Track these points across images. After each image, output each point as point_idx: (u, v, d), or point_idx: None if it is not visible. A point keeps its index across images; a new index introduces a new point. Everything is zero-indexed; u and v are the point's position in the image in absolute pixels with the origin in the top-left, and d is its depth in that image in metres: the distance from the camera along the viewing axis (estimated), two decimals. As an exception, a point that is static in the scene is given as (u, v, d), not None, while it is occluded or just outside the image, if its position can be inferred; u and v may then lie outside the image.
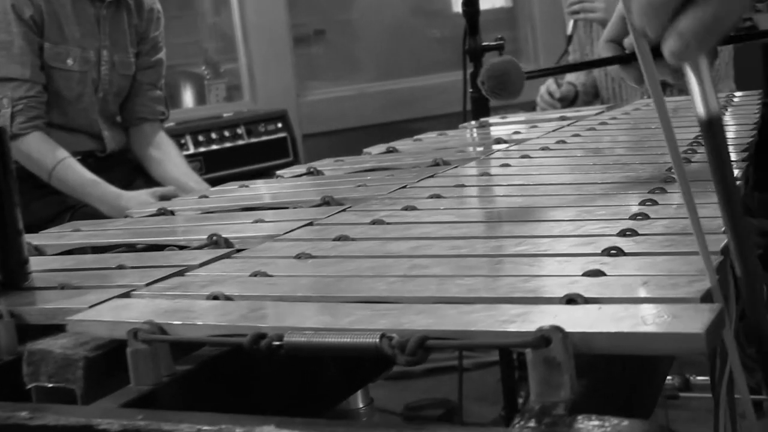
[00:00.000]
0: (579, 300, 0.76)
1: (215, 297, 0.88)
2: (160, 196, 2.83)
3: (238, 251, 1.11)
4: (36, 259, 1.20)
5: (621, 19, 1.32)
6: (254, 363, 0.85)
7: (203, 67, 5.23)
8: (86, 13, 3.12)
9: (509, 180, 1.50)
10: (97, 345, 0.82)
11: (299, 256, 1.03)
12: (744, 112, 2.06)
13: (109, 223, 1.48)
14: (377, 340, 0.70)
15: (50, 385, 0.80)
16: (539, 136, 1.96)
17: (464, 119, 2.76)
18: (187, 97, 5.22)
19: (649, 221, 1.03)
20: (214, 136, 4.20)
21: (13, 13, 3.00)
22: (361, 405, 2.16)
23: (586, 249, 0.94)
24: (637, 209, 1.09)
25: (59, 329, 0.85)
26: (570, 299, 0.76)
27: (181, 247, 1.18)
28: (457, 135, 2.25)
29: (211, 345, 0.82)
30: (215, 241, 1.16)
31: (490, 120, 2.52)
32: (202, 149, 4.15)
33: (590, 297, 0.76)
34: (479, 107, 2.78)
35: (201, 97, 5.15)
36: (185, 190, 2.91)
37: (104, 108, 3.22)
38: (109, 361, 0.81)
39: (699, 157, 1.44)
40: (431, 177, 1.52)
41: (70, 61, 3.10)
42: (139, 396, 0.76)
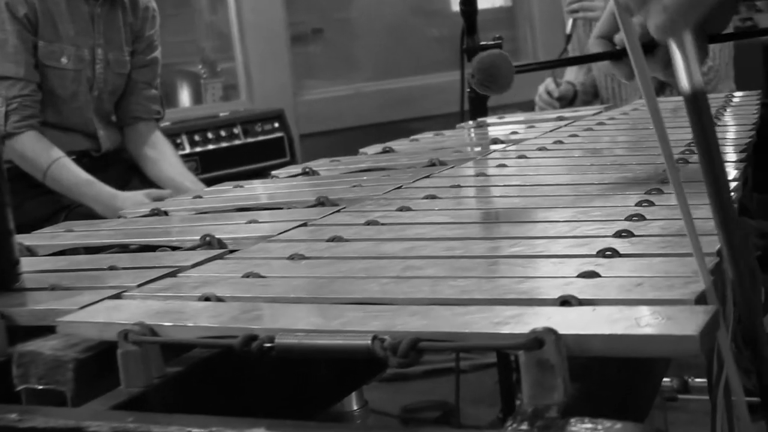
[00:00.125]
0: (573, 302, 0.76)
1: (207, 298, 0.88)
2: (156, 198, 2.83)
3: (231, 252, 1.11)
4: (28, 259, 1.19)
5: (612, 15, 1.33)
6: (246, 365, 0.85)
7: (200, 66, 5.22)
8: (81, 11, 3.12)
9: (505, 180, 1.50)
10: (87, 346, 0.82)
11: (292, 257, 1.03)
12: (743, 113, 2.06)
13: (102, 223, 1.48)
14: (369, 341, 0.70)
15: (40, 387, 0.80)
16: (537, 137, 1.96)
17: (462, 119, 2.76)
18: (184, 97, 5.21)
19: (645, 222, 1.03)
20: (210, 135, 4.19)
21: (6, 11, 3.00)
22: (355, 407, 2.15)
23: (582, 250, 0.94)
24: (634, 210, 1.09)
25: (50, 330, 0.85)
26: (564, 301, 0.76)
27: (174, 248, 1.18)
28: (454, 135, 2.25)
29: (202, 347, 0.81)
30: (208, 242, 1.16)
31: (487, 120, 2.52)
32: (198, 149, 4.15)
33: (584, 299, 0.76)
34: (477, 107, 2.78)
35: (197, 97, 5.15)
36: (181, 190, 2.91)
37: (99, 107, 3.22)
38: (100, 362, 0.80)
39: (696, 158, 1.44)
40: (427, 177, 1.52)
41: (64, 60, 3.10)
42: (130, 398, 0.76)
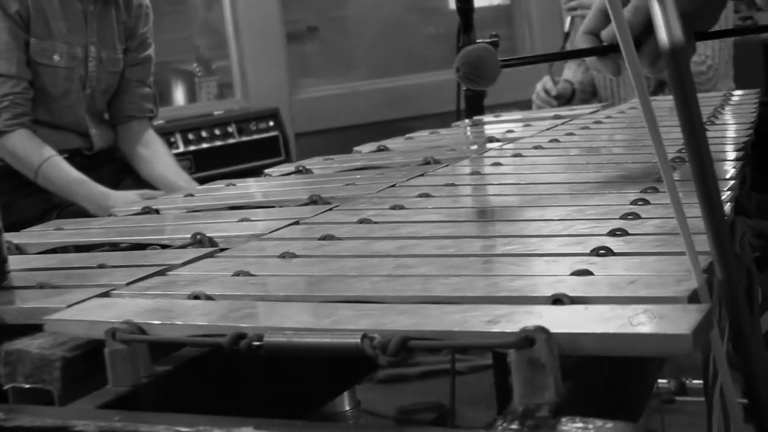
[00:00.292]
0: (565, 300, 0.76)
1: (196, 296, 0.88)
2: (149, 199, 2.82)
3: (222, 250, 1.11)
4: (17, 257, 1.19)
5: (599, 11, 1.33)
6: (236, 364, 0.85)
7: (194, 64, 5.22)
8: (73, 8, 3.12)
9: (500, 179, 1.50)
10: (75, 345, 0.81)
11: (283, 256, 1.03)
12: (741, 111, 2.06)
13: (92, 221, 1.48)
14: (358, 340, 0.70)
15: (27, 385, 0.80)
16: (533, 135, 1.96)
17: (458, 118, 2.76)
18: (178, 95, 5.21)
19: (639, 221, 1.03)
20: (204, 134, 4.19)
21: (-2, 8, 3.00)
22: (347, 407, 2.15)
23: (575, 249, 0.94)
24: (629, 209, 1.09)
25: (37, 329, 0.85)
26: (556, 299, 0.76)
27: (164, 246, 1.18)
28: (449, 133, 2.25)
29: (191, 345, 0.81)
30: (199, 240, 1.16)
31: (483, 118, 2.52)
32: (192, 148, 4.15)
33: (577, 297, 0.76)
34: (473, 106, 2.78)
35: (192, 95, 5.15)
36: (174, 190, 2.90)
37: (92, 105, 3.22)
38: (88, 361, 0.80)
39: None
40: (421, 176, 1.52)
41: (56, 57, 3.09)
42: (117, 397, 0.76)
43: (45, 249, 1.27)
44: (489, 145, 1.86)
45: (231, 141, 4.25)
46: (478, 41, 2.80)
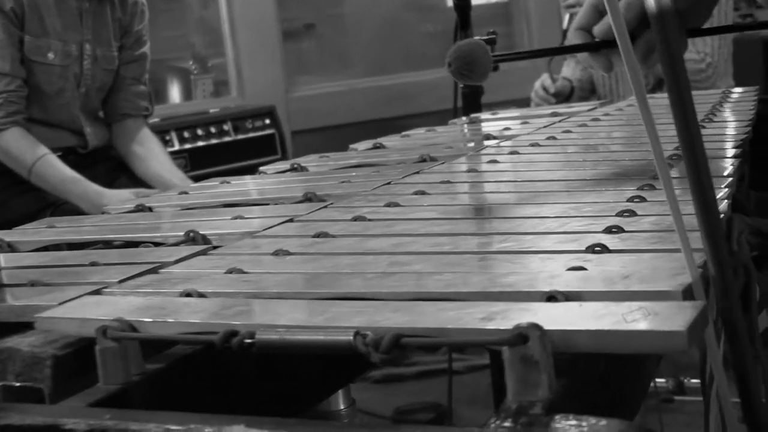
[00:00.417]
0: (560, 297, 0.76)
1: (188, 294, 0.88)
2: (143, 197, 2.82)
3: (215, 248, 1.11)
4: (9, 255, 1.20)
5: (591, 7, 1.34)
6: (229, 362, 0.85)
7: (190, 62, 5.22)
8: (68, 6, 3.11)
9: (497, 176, 1.50)
10: (66, 343, 0.81)
11: (277, 253, 1.03)
12: (740, 109, 2.06)
13: (85, 219, 1.48)
14: (351, 337, 0.70)
15: (18, 384, 0.80)
16: (530, 132, 1.96)
17: (455, 115, 2.76)
18: (174, 93, 5.20)
19: (636, 218, 1.03)
20: (200, 132, 4.18)
21: (-8, 5, 3.00)
22: (342, 406, 2.15)
23: (571, 246, 0.94)
24: (625, 206, 1.09)
25: (28, 327, 0.85)
26: (551, 296, 0.76)
27: (157, 244, 1.18)
28: (446, 131, 2.25)
29: (182, 343, 0.81)
30: (192, 238, 1.16)
31: (480, 116, 2.52)
32: (187, 146, 4.14)
33: (571, 294, 0.76)
34: (470, 103, 2.78)
35: (187, 93, 5.14)
36: (169, 188, 2.90)
37: (86, 103, 3.21)
38: (79, 359, 0.80)
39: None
40: (417, 173, 1.52)
41: (50, 55, 3.09)
42: (108, 395, 0.76)
43: (37, 247, 1.27)
44: (486, 143, 1.86)
45: (227, 139, 4.24)
46: (476, 38, 2.81)
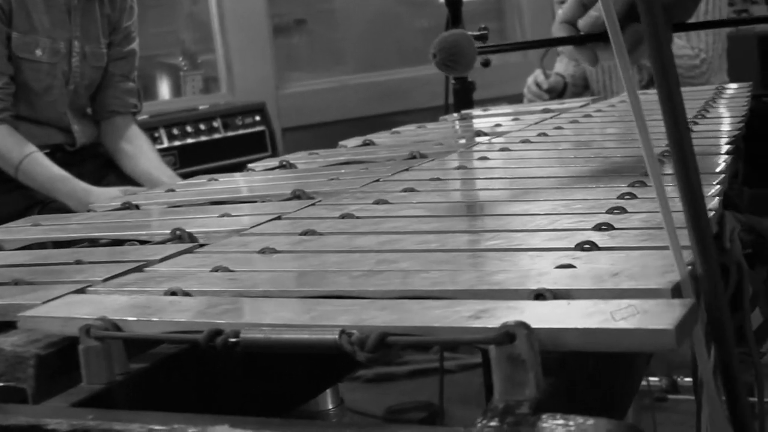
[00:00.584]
0: (548, 295, 0.75)
1: (173, 293, 0.87)
2: (130, 195, 2.81)
3: (202, 246, 1.11)
4: (-7, 254, 1.19)
5: (576, 1, 1.34)
6: (215, 361, 0.85)
7: (180, 58, 5.21)
8: (57, 2, 3.10)
9: (487, 173, 1.50)
10: (49, 342, 0.81)
11: (263, 251, 1.03)
12: (733, 105, 2.06)
13: (71, 217, 1.47)
14: (336, 336, 0.70)
15: (0, 384, 0.80)
16: (521, 129, 1.96)
17: (446, 112, 2.76)
18: (163, 89, 5.20)
19: (626, 215, 1.03)
20: (189, 129, 4.18)
21: (-21, 1, 2.99)
22: (330, 406, 2.15)
23: (560, 243, 0.94)
24: (615, 203, 1.09)
25: (11, 326, 0.85)
26: (538, 294, 0.76)
27: (143, 242, 1.18)
28: (436, 128, 2.25)
29: (166, 342, 0.81)
30: (179, 236, 1.16)
31: (472, 112, 2.52)
32: (176, 143, 4.13)
33: (560, 292, 0.76)
34: (462, 99, 2.78)
35: (177, 89, 5.14)
36: (158, 186, 2.89)
37: (74, 101, 3.21)
38: (63, 359, 0.80)
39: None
40: (406, 170, 1.52)
41: (38, 52, 3.08)
42: (91, 395, 0.76)
43: (22, 245, 1.26)
44: (477, 139, 1.86)
45: (216, 136, 4.24)
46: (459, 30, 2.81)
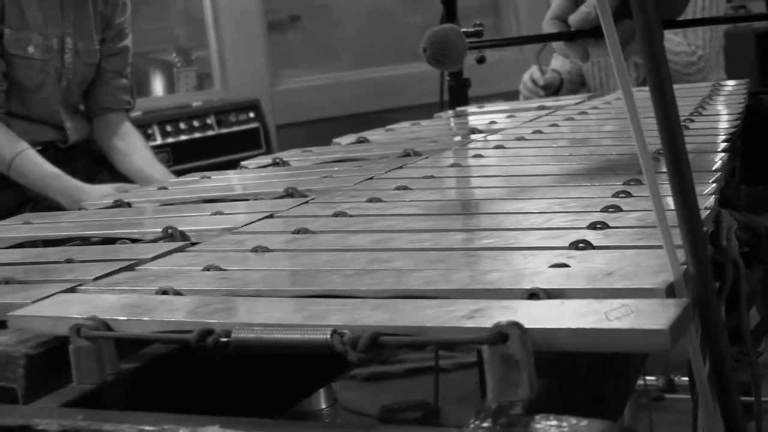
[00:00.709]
0: (541, 295, 0.75)
1: (165, 292, 0.87)
2: (122, 192, 2.81)
3: (194, 244, 1.10)
4: (-17, 253, 1.19)
5: None
6: (206, 361, 0.85)
7: (173, 54, 5.21)
8: (49, -2, 3.10)
9: (481, 171, 1.50)
10: (40, 342, 0.81)
11: (255, 250, 1.02)
12: (730, 102, 2.06)
13: (62, 215, 1.47)
14: (328, 336, 0.70)
15: (-10, 384, 0.80)
16: (516, 126, 1.96)
17: (441, 109, 2.76)
18: (157, 86, 5.20)
19: (621, 214, 1.03)
20: (182, 126, 4.17)
21: (-30, -3, 2.99)
22: (323, 405, 2.15)
23: (554, 242, 0.93)
24: (610, 201, 1.09)
25: (1, 326, 0.84)
26: (532, 294, 0.76)
27: (134, 241, 1.18)
28: (431, 125, 2.25)
29: (157, 342, 0.81)
30: (170, 234, 1.16)
31: (467, 109, 2.52)
32: (170, 140, 4.13)
33: (553, 292, 0.76)
34: (457, 96, 2.78)
35: (170, 86, 5.13)
36: (151, 183, 2.89)
37: (67, 97, 3.20)
38: (53, 358, 0.80)
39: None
40: (400, 168, 1.52)
41: (31, 49, 3.08)
42: (81, 395, 0.76)
43: (13, 243, 1.26)
44: (472, 137, 1.86)
45: (210, 133, 4.23)
46: (462, 30, 2.81)
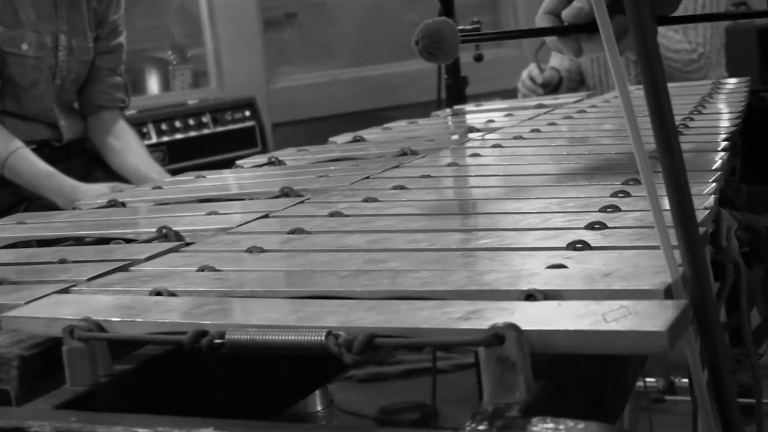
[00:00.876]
0: (538, 296, 0.75)
1: (158, 293, 0.87)
2: (117, 192, 2.81)
3: (188, 245, 1.10)
4: (-25, 253, 1.19)
5: None
6: (201, 363, 0.85)
7: (169, 52, 5.20)
8: (43, -5, 3.10)
9: (478, 171, 1.50)
10: (33, 343, 0.81)
11: (250, 250, 1.02)
12: (731, 100, 2.06)
13: (56, 215, 1.47)
14: (322, 338, 0.70)
15: (-17, 385, 0.80)
16: (514, 125, 1.96)
17: (439, 107, 2.76)
18: (152, 84, 5.19)
19: (619, 214, 1.03)
20: (178, 124, 4.17)
21: (-37, -6, 2.99)
22: (319, 407, 2.15)
23: (552, 243, 0.93)
24: (609, 201, 1.09)
25: (-6, 327, 0.85)
26: (529, 295, 0.76)
27: (129, 241, 1.18)
28: (428, 124, 2.25)
29: (151, 343, 0.81)
30: (165, 234, 1.16)
31: (465, 108, 2.52)
32: (165, 138, 4.12)
33: (551, 293, 0.76)
34: (455, 95, 2.78)
35: (166, 84, 5.13)
36: (147, 182, 2.89)
37: (61, 95, 3.20)
38: (46, 360, 0.80)
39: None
40: (396, 167, 1.52)
41: (24, 46, 3.07)
42: (75, 397, 0.76)
43: (6, 244, 1.26)
44: (470, 135, 1.86)
45: (206, 131, 4.23)
46: (460, 28, 2.81)
